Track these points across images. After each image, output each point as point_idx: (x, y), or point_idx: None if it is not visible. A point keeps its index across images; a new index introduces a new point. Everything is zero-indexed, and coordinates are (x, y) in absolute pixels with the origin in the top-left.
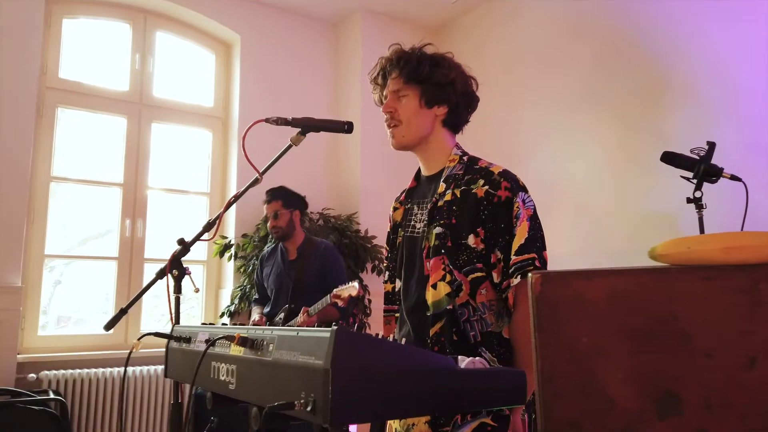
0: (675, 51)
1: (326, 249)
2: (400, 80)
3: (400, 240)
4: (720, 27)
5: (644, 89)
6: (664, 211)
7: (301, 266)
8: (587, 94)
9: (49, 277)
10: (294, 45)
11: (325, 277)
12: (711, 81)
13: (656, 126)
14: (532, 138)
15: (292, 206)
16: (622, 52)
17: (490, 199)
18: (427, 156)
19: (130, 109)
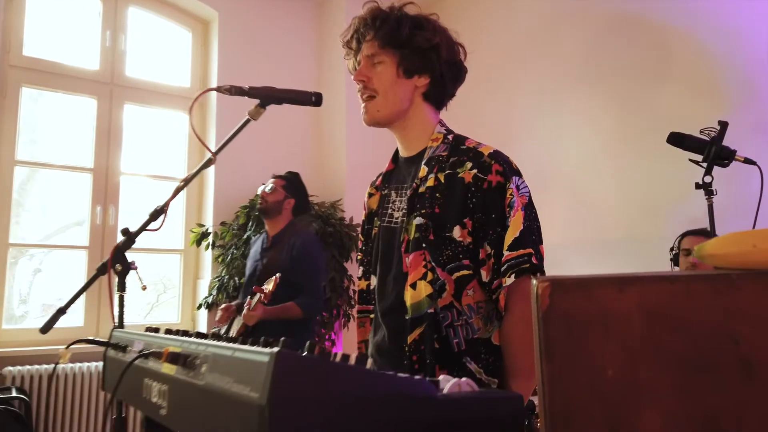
0: (678, 24)
1: (304, 240)
2: (375, 44)
3: (376, 231)
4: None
5: (644, 66)
6: (667, 197)
7: (274, 251)
8: (583, 73)
9: (29, 265)
10: (276, 22)
11: (294, 268)
12: (719, 55)
13: (657, 106)
14: (526, 119)
15: (290, 192)
16: (621, 27)
17: (479, 184)
18: (406, 134)
19: (100, 90)
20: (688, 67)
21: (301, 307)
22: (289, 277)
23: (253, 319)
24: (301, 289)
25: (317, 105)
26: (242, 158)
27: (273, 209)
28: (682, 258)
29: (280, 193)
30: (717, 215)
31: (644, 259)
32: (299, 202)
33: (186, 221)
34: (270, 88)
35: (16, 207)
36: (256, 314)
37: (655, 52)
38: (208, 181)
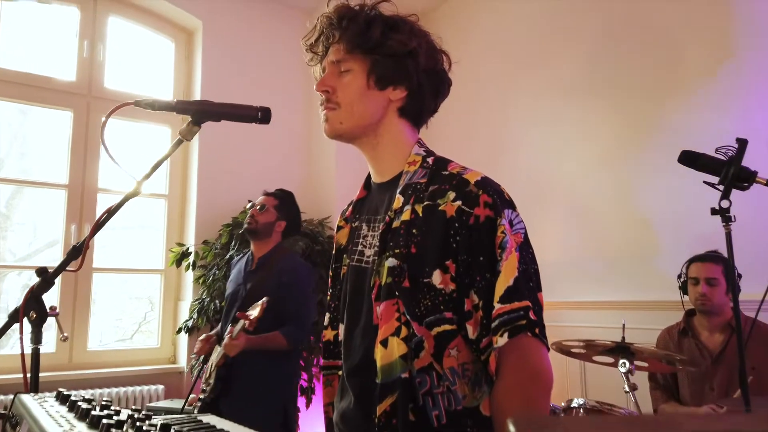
0: (684, 32)
1: (294, 265)
2: (341, 48)
3: (345, 271)
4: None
5: (647, 76)
6: (670, 214)
7: (260, 276)
8: (582, 82)
9: (18, 280)
10: (262, 33)
11: (281, 297)
12: (730, 66)
13: (661, 118)
14: (520, 131)
15: (282, 214)
16: (622, 35)
17: (463, 219)
18: (377, 155)
19: (76, 102)
20: (696, 77)
21: (287, 337)
22: (276, 304)
23: (235, 350)
24: (287, 318)
25: (264, 122)
26: (226, 173)
27: (263, 231)
28: (690, 287)
29: (272, 213)
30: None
31: (646, 278)
32: (291, 225)
33: (167, 240)
34: (204, 102)
35: (4, 221)
36: (239, 344)
37: (659, 61)
38: (190, 197)
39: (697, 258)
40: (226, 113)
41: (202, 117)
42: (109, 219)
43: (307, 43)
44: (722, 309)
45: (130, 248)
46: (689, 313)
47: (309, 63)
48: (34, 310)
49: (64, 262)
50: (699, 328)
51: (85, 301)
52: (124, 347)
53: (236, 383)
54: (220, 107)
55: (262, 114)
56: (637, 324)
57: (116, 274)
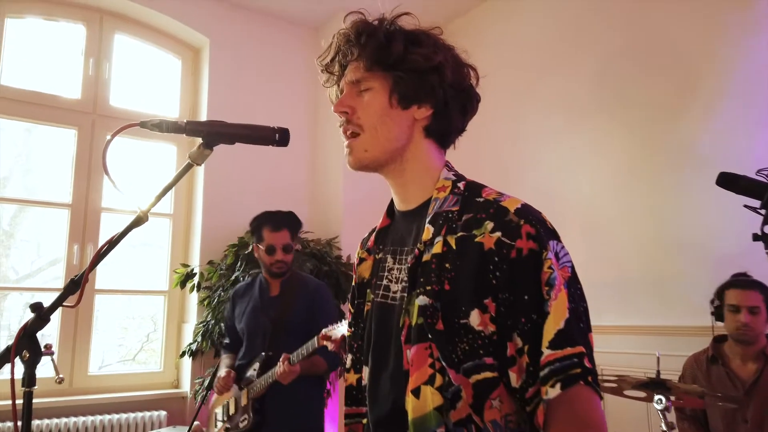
0: (700, 49)
1: (318, 286)
2: (360, 66)
3: (369, 307)
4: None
5: (661, 93)
6: (690, 235)
7: (285, 303)
8: (594, 100)
9: (20, 299)
10: (269, 50)
11: (314, 319)
12: (746, 82)
13: (677, 136)
14: (533, 148)
15: (297, 237)
16: (635, 50)
17: (504, 253)
18: (404, 181)
19: (81, 120)
20: (711, 94)
21: (327, 360)
22: (307, 325)
23: (291, 377)
24: None
25: (282, 145)
26: (232, 193)
27: (287, 266)
28: (729, 315)
29: (291, 243)
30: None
31: (666, 303)
32: (298, 235)
33: (171, 260)
34: (216, 123)
35: (8, 239)
36: (295, 371)
37: (673, 78)
38: (195, 217)
39: (735, 284)
40: (240, 135)
41: (215, 139)
42: (110, 250)
43: (322, 63)
44: (759, 337)
45: (134, 268)
46: (717, 340)
47: (325, 84)
48: (27, 349)
49: (61, 296)
50: (730, 355)
51: (87, 323)
52: (126, 370)
53: (274, 410)
54: (234, 129)
55: (279, 136)
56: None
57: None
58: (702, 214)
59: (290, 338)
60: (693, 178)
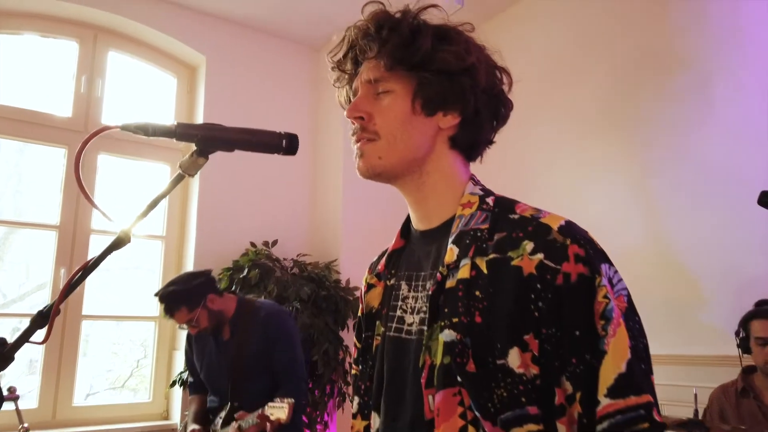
0: (717, 62)
1: (269, 315)
2: (380, 64)
3: (379, 342)
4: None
5: (677, 107)
6: (710, 258)
7: (238, 343)
8: (607, 113)
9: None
10: (268, 70)
11: (270, 350)
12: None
13: (693, 151)
14: (542, 163)
15: (200, 300)
16: (646, 65)
17: (548, 279)
18: (423, 196)
19: (71, 139)
20: (730, 110)
21: None
22: (266, 360)
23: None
24: (281, 374)
25: (290, 153)
26: (227, 215)
27: (218, 320)
28: (756, 348)
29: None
30: None
31: (686, 330)
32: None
33: (163, 284)
34: (212, 126)
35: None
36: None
37: (691, 92)
38: (188, 240)
39: (760, 315)
40: (241, 141)
41: (211, 145)
42: (85, 277)
43: (332, 59)
44: None
45: (124, 292)
46: (747, 371)
47: (335, 84)
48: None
49: (27, 332)
50: (761, 388)
51: (72, 351)
52: (114, 400)
53: None
54: (234, 133)
55: (287, 142)
56: (679, 380)
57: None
58: (722, 234)
59: (253, 376)
60: (711, 196)
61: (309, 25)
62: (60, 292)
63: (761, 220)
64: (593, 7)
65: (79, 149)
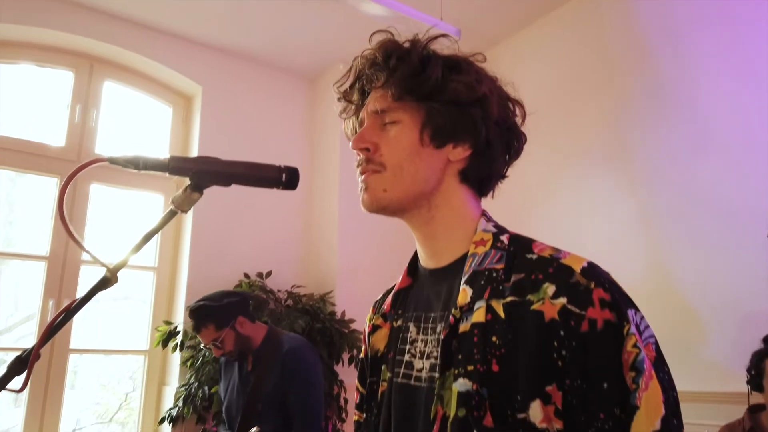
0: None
1: (290, 352)
2: (388, 94)
3: (385, 388)
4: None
5: (677, 139)
6: (710, 290)
7: (258, 377)
8: (607, 145)
9: None
10: (264, 100)
11: (286, 393)
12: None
13: (694, 184)
14: (542, 196)
15: (230, 320)
16: (650, 95)
17: (572, 326)
18: (432, 231)
19: (63, 168)
20: (730, 143)
21: None
22: (281, 401)
23: None
24: (293, 414)
25: (290, 187)
26: (221, 245)
27: (244, 346)
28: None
29: (228, 333)
30: None
31: (690, 366)
32: (240, 311)
33: (153, 317)
34: (208, 160)
35: None
36: None
37: (691, 125)
38: (180, 271)
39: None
40: (239, 175)
41: (206, 180)
42: (67, 320)
43: (339, 90)
44: None
45: (113, 323)
46: (753, 410)
47: (341, 115)
48: None
49: (4, 379)
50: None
51: (58, 385)
52: None
53: None
54: (231, 167)
55: (287, 176)
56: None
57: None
58: (724, 267)
59: (265, 414)
60: (713, 228)
61: (305, 55)
62: (40, 336)
63: (763, 252)
64: (592, 38)
65: (62, 185)
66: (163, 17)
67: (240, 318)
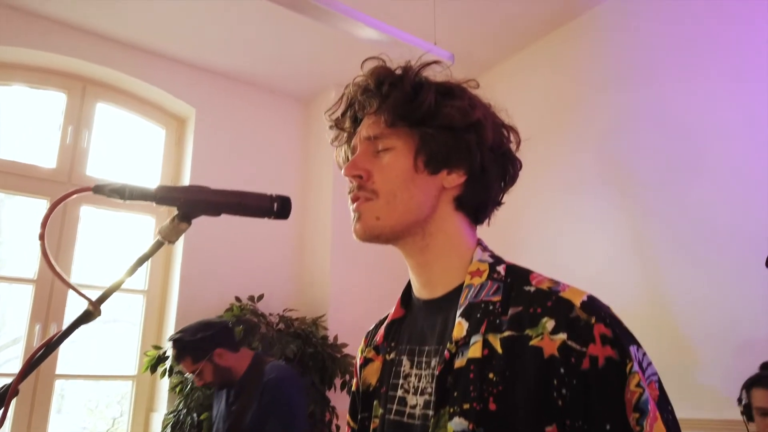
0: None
1: (271, 381)
2: (381, 120)
3: (377, 425)
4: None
5: (669, 163)
6: (705, 316)
7: (240, 407)
8: (600, 171)
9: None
10: (257, 122)
11: (264, 425)
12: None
13: (687, 210)
14: (535, 222)
15: (206, 353)
16: (642, 120)
17: (572, 363)
18: (426, 260)
19: (53, 190)
20: (722, 166)
21: None
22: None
23: None
24: None
25: (281, 217)
26: (211, 267)
27: (224, 377)
28: (758, 418)
29: (205, 365)
30: None
31: (687, 393)
32: (220, 343)
33: (142, 342)
34: (196, 189)
35: None
36: None
37: (683, 149)
38: (171, 294)
39: (762, 383)
40: (228, 205)
41: (194, 210)
42: (48, 354)
43: (331, 118)
44: None
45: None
46: None
47: (333, 143)
48: None
49: None
50: None
51: (44, 412)
52: None
53: None
54: (220, 196)
55: (279, 206)
56: None
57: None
58: (721, 292)
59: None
60: (708, 253)
61: (299, 78)
62: (20, 370)
63: (760, 277)
64: (583, 64)
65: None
66: (156, 39)
67: (218, 350)
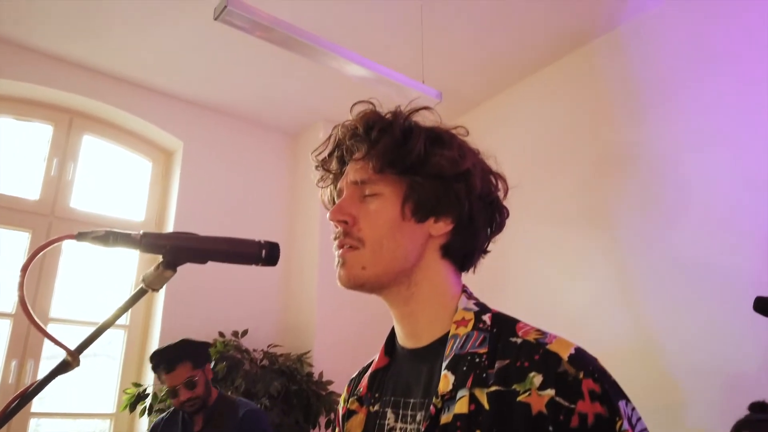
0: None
1: (247, 415)
2: (368, 166)
3: None
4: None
5: (653, 203)
6: (693, 354)
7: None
8: (583, 210)
9: None
10: (245, 156)
11: None
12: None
13: (672, 249)
14: (520, 261)
15: (205, 361)
16: (625, 160)
17: (561, 420)
18: (410, 310)
19: (36, 223)
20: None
21: None
22: None
23: None
24: None
25: (269, 263)
26: (195, 302)
27: (207, 396)
28: None
29: (200, 375)
30: None
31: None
32: (209, 357)
33: (121, 379)
34: (184, 236)
35: None
36: None
37: (669, 189)
38: (153, 329)
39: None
40: (215, 252)
41: (180, 257)
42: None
43: (317, 158)
44: None
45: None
46: None
47: (318, 184)
48: None
49: None
50: None
51: None
52: None
53: None
54: (207, 243)
55: (267, 252)
56: None
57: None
58: (707, 330)
59: None
60: (693, 291)
61: (287, 113)
62: None
63: (746, 317)
64: (569, 102)
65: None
66: (144, 72)
67: (209, 366)
